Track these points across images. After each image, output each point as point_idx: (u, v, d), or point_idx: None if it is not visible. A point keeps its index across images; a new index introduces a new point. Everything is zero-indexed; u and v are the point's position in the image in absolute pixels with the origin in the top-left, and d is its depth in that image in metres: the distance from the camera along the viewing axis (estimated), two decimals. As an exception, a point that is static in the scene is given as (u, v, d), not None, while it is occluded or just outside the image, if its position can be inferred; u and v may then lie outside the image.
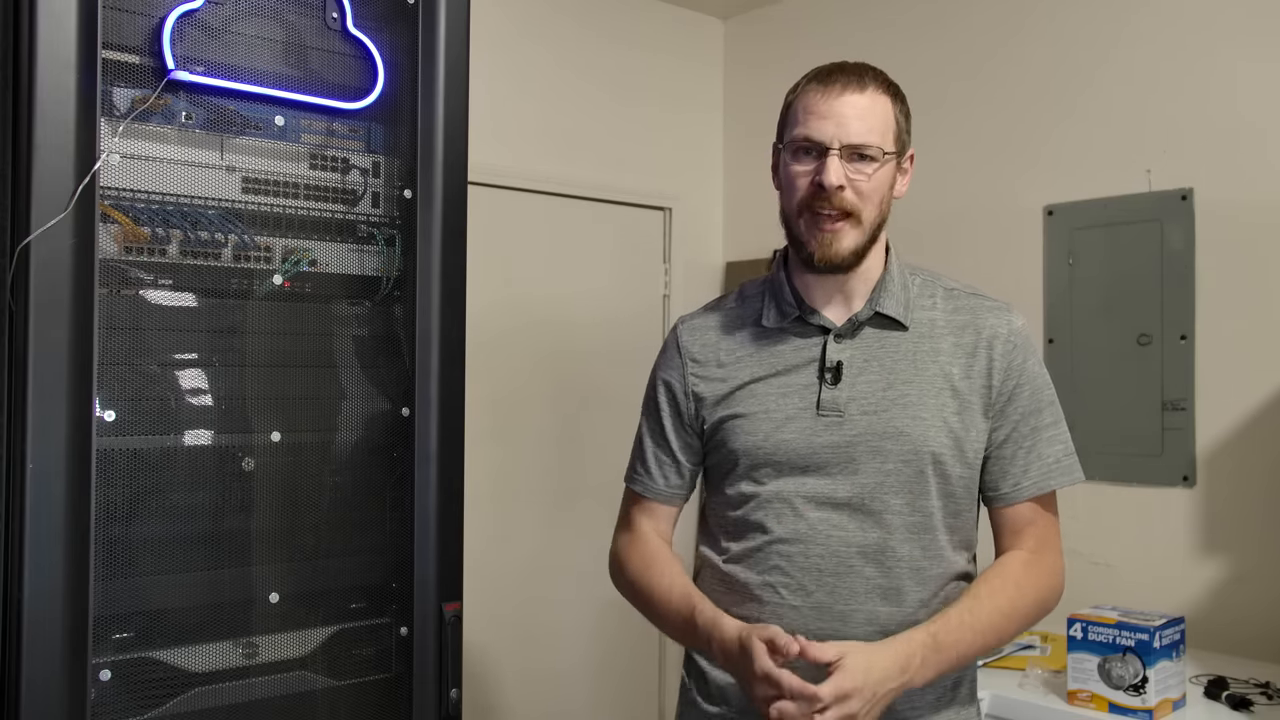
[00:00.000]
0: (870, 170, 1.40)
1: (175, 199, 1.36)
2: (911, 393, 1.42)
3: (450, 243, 1.51)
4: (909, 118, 1.47)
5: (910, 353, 1.45)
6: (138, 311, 1.32)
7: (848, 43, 3.38)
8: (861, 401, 1.42)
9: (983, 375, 1.44)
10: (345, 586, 1.49)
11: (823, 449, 1.42)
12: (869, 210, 1.42)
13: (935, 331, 1.46)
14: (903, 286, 1.48)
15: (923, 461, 1.41)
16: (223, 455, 1.36)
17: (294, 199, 1.46)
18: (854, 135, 1.39)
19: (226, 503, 1.37)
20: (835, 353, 1.45)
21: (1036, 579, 1.47)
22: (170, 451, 1.34)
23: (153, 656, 1.31)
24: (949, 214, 3.05)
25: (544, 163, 3.28)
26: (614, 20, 3.46)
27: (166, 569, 1.33)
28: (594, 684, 3.42)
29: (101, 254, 1.26)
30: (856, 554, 1.40)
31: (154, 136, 1.34)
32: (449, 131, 1.51)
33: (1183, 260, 2.59)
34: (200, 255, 1.38)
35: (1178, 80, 2.63)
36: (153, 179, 1.33)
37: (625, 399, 3.55)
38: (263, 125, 1.44)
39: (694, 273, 3.63)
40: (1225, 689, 2.05)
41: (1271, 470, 2.44)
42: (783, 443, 1.43)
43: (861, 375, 1.44)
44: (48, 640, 1.19)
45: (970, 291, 1.51)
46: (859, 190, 1.40)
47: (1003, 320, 1.47)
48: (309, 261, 1.47)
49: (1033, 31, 2.91)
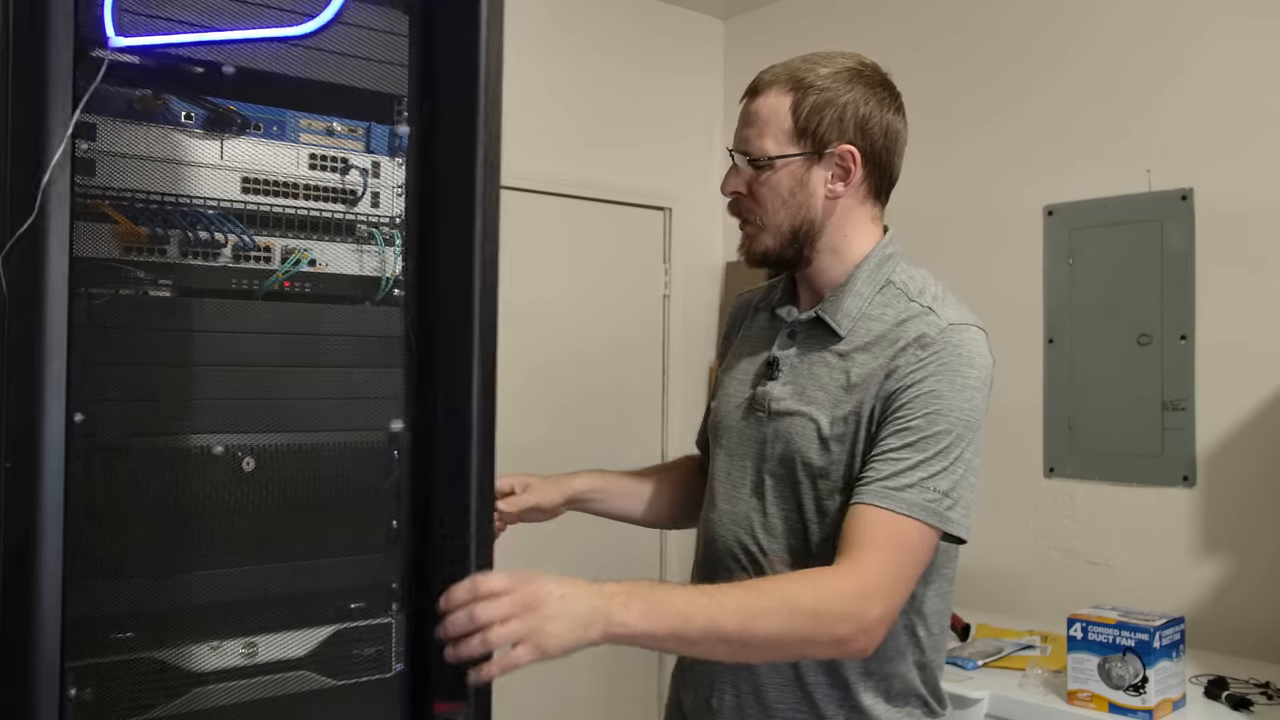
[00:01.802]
0: (761, 176, 1.38)
1: (175, 199, 1.36)
2: (815, 405, 1.37)
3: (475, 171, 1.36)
4: (841, 109, 1.35)
5: (833, 362, 1.38)
6: (134, 310, 1.32)
7: (847, 43, 3.37)
8: (779, 403, 1.41)
9: (878, 383, 1.32)
10: (345, 587, 1.49)
11: (746, 442, 1.44)
12: (768, 215, 1.39)
13: (867, 344, 1.36)
14: (857, 294, 1.39)
15: (801, 473, 1.37)
16: (223, 455, 1.37)
17: (294, 199, 1.47)
18: (737, 141, 1.41)
19: (226, 503, 1.37)
20: (778, 350, 1.45)
21: (814, 593, 1.20)
22: (171, 452, 1.34)
23: (151, 656, 1.31)
24: (949, 214, 3.05)
25: (544, 163, 3.28)
26: (614, 20, 3.47)
27: (165, 569, 1.33)
28: (594, 684, 3.42)
29: (86, 252, 1.26)
30: (740, 551, 1.43)
31: (154, 136, 1.34)
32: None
33: (1183, 260, 2.59)
34: (201, 255, 1.38)
35: (1178, 80, 2.63)
36: (153, 179, 1.34)
37: (625, 398, 3.56)
38: (262, 125, 1.44)
39: (694, 273, 3.63)
40: (1225, 689, 2.05)
41: (1271, 470, 2.44)
42: (727, 428, 1.48)
43: (790, 377, 1.42)
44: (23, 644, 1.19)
45: (925, 306, 1.36)
46: (753, 195, 1.40)
47: (921, 331, 1.32)
48: (309, 261, 1.47)
49: (1032, 32, 2.91)
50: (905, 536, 1.25)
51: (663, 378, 3.62)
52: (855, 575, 1.21)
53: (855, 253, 1.42)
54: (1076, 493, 2.75)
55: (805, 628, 1.18)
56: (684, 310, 3.62)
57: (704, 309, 3.68)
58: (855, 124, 1.37)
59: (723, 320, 3.70)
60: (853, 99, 1.36)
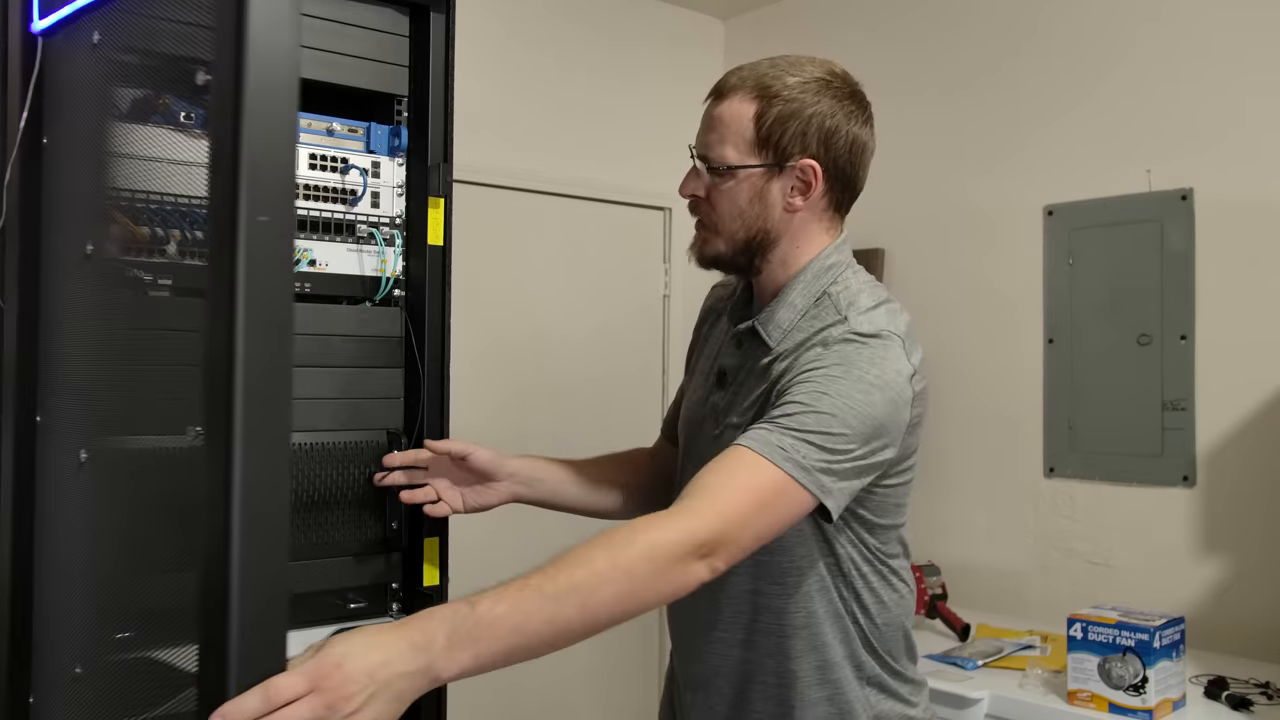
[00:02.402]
0: (720, 183, 1.36)
1: (175, 199, 1.36)
2: (745, 417, 1.33)
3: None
4: (806, 121, 1.31)
5: (762, 375, 1.35)
6: (132, 310, 1.32)
7: (847, 43, 3.38)
8: (720, 411, 1.41)
9: (775, 381, 1.29)
10: (345, 587, 1.49)
11: (700, 449, 1.42)
12: (724, 222, 1.37)
13: (781, 354, 1.34)
14: (790, 305, 1.36)
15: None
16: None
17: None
18: (699, 144, 1.39)
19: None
20: (724, 358, 1.44)
21: (645, 544, 1.08)
22: (170, 452, 1.34)
23: (150, 656, 1.31)
24: (949, 214, 3.04)
25: (544, 163, 3.28)
26: (614, 20, 3.46)
27: (164, 568, 1.33)
28: (594, 685, 3.42)
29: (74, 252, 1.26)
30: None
31: (152, 136, 1.34)
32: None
33: (1183, 260, 2.59)
34: (201, 255, 1.38)
35: (1178, 80, 2.63)
36: (152, 179, 1.34)
37: (625, 398, 3.56)
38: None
39: (694, 273, 3.61)
40: (1225, 689, 2.05)
41: (1271, 470, 2.44)
42: (690, 436, 1.48)
43: (733, 386, 1.41)
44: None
45: (844, 315, 1.31)
46: (710, 201, 1.38)
47: (827, 333, 1.29)
48: (309, 261, 1.47)
49: (1032, 32, 2.91)
50: (749, 472, 1.15)
51: (662, 378, 3.62)
52: (686, 517, 1.11)
53: (799, 264, 1.38)
54: (1076, 493, 2.75)
55: (646, 579, 1.07)
56: (684, 310, 3.62)
57: (704, 309, 3.68)
58: (819, 137, 1.33)
59: (723, 320, 3.70)
60: (819, 111, 1.32)
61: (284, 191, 0.91)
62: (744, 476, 1.15)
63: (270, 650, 0.90)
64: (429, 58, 1.53)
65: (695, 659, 1.44)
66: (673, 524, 1.10)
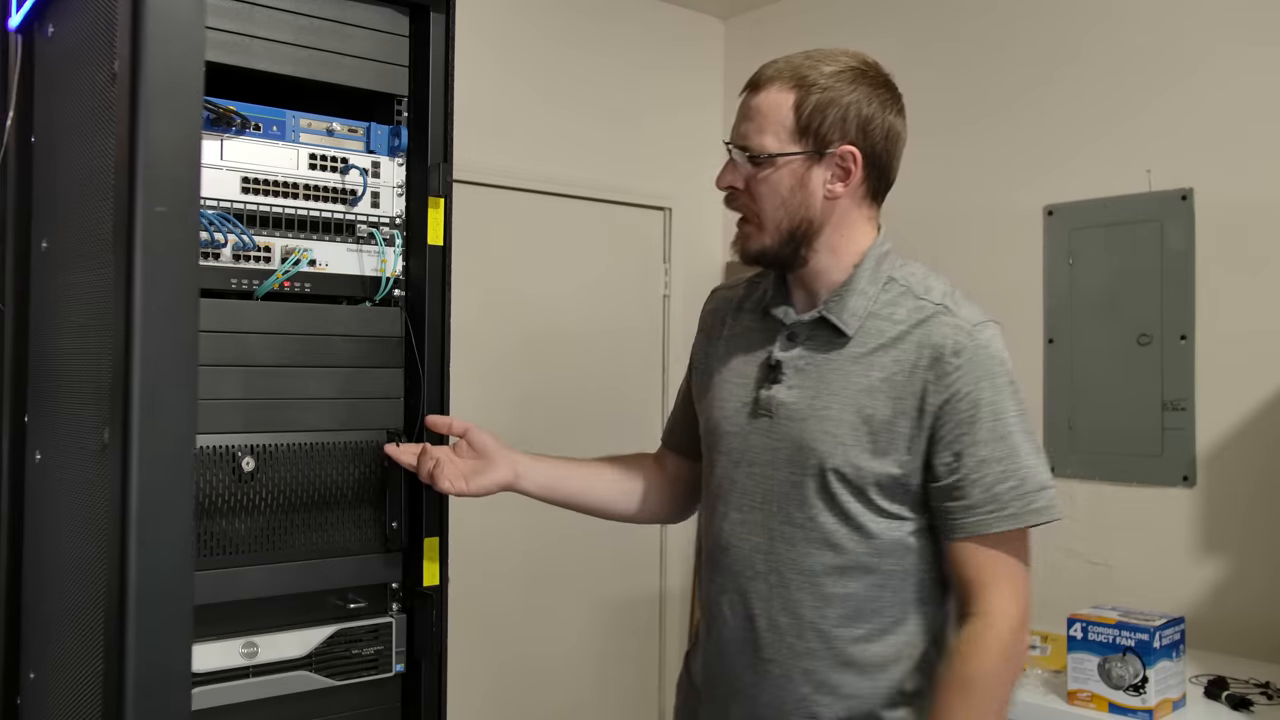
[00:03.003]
0: (760, 173, 1.36)
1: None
2: (834, 405, 1.35)
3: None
4: (844, 109, 1.34)
5: (846, 364, 1.36)
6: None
7: (848, 43, 3.36)
8: (789, 407, 1.38)
9: (915, 396, 1.32)
10: (345, 587, 1.49)
11: (752, 449, 1.41)
12: (766, 213, 1.37)
13: (881, 345, 1.35)
14: (861, 293, 1.38)
15: (826, 479, 1.34)
16: (223, 455, 1.36)
17: (294, 199, 1.46)
18: (736, 135, 1.39)
19: (226, 502, 1.37)
20: (780, 353, 1.42)
21: (983, 664, 1.30)
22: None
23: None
24: (949, 214, 3.05)
25: (544, 163, 3.28)
26: (614, 20, 3.46)
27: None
28: (594, 684, 3.42)
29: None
30: (760, 558, 1.39)
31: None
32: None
33: (1183, 260, 2.59)
34: (200, 255, 1.38)
35: (1178, 80, 2.63)
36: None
37: (625, 398, 3.56)
38: (261, 125, 1.44)
39: (694, 273, 3.63)
40: (1225, 689, 2.05)
41: (1271, 470, 2.44)
42: (726, 434, 1.45)
43: (798, 379, 1.39)
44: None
45: (938, 303, 1.37)
46: (751, 192, 1.38)
47: (951, 336, 1.33)
48: (309, 261, 1.47)
49: (1032, 32, 2.91)
50: (1016, 549, 1.33)
51: (663, 377, 3.62)
52: (983, 622, 1.30)
53: (853, 252, 1.40)
54: (1076, 493, 2.75)
55: (1005, 684, 1.32)
56: (684, 310, 3.62)
57: (704, 309, 3.68)
58: (857, 125, 1.35)
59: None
60: (855, 99, 1.35)
61: (183, 181, 0.89)
62: (1011, 563, 1.33)
63: (171, 655, 0.89)
64: (429, 58, 1.53)
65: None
66: (991, 640, 1.30)
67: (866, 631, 1.35)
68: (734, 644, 1.42)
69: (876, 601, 1.36)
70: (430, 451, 1.46)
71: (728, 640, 1.43)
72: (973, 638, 1.31)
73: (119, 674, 0.85)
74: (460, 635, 1.77)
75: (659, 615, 3.56)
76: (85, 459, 1.07)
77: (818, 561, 1.35)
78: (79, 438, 1.10)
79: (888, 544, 1.35)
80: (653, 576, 3.56)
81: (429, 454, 1.46)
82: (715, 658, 1.46)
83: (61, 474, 1.18)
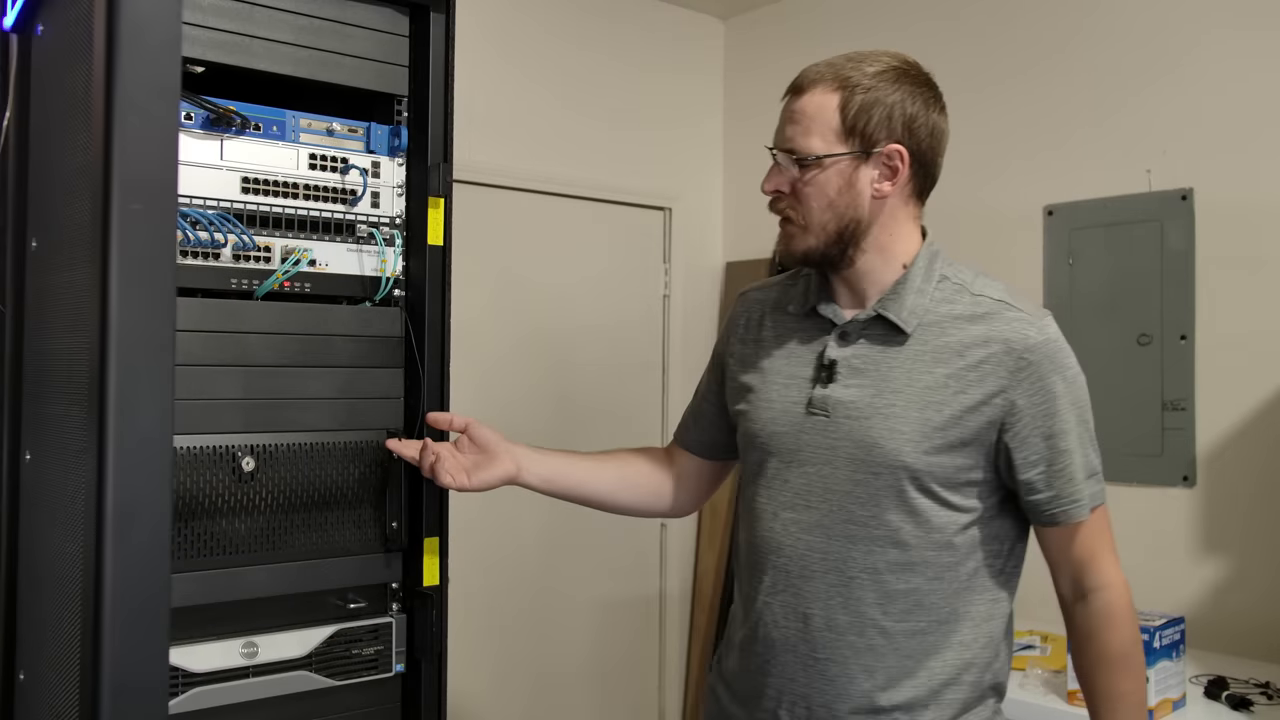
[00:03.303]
0: (807, 175, 1.36)
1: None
2: (898, 403, 1.35)
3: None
4: (889, 108, 1.35)
5: (908, 361, 1.37)
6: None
7: (848, 43, 3.36)
8: (849, 406, 1.37)
9: (988, 391, 1.34)
10: (345, 587, 1.49)
11: (807, 447, 1.40)
12: (813, 215, 1.37)
13: (943, 341, 1.36)
14: (918, 291, 1.38)
15: (894, 476, 1.34)
16: (223, 455, 1.36)
17: (294, 199, 1.46)
18: (780, 139, 1.39)
19: (226, 502, 1.37)
20: (834, 352, 1.41)
21: (1121, 640, 1.41)
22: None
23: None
24: (949, 214, 3.04)
25: (544, 163, 3.28)
26: (614, 20, 3.47)
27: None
28: (594, 684, 3.42)
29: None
30: (819, 558, 1.38)
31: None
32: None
33: (1183, 260, 2.59)
34: (200, 255, 1.38)
35: (1178, 80, 2.63)
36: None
37: (625, 398, 3.56)
38: (261, 125, 1.44)
39: (694, 273, 3.63)
40: (1225, 689, 2.05)
41: (1271, 470, 2.44)
42: (775, 434, 1.43)
43: (856, 378, 1.38)
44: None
45: (998, 299, 1.39)
46: (797, 195, 1.38)
47: (1021, 331, 1.36)
48: (309, 261, 1.47)
49: (1032, 32, 2.91)
50: (1104, 522, 1.43)
51: (663, 377, 3.62)
52: (1106, 594, 1.41)
53: (902, 251, 1.41)
54: (1076, 493, 2.75)
55: (1138, 657, 1.42)
56: (684, 310, 3.62)
57: (704, 309, 3.68)
58: (903, 123, 1.37)
59: (723, 319, 3.70)
60: (900, 98, 1.37)
61: (159, 178, 0.88)
62: (1107, 535, 1.44)
63: (147, 660, 0.87)
64: (429, 58, 1.53)
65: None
66: (1119, 617, 1.41)
67: (926, 624, 1.36)
68: (784, 644, 1.40)
69: (935, 594, 1.36)
70: (431, 446, 1.46)
71: (777, 640, 1.41)
72: (1106, 610, 1.39)
73: (94, 679, 0.84)
74: (460, 635, 1.77)
75: (659, 615, 3.56)
76: (68, 459, 1.07)
77: (881, 559, 1.35)
78: (64, 438, 1.10)
79: (949, 536, 1.36)
80: (653, 576, 3.56)
81: (430, 449, 1.45)
82: (761, 659, 1.43)
83: (49, 475, 1.18)
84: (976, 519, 1.38)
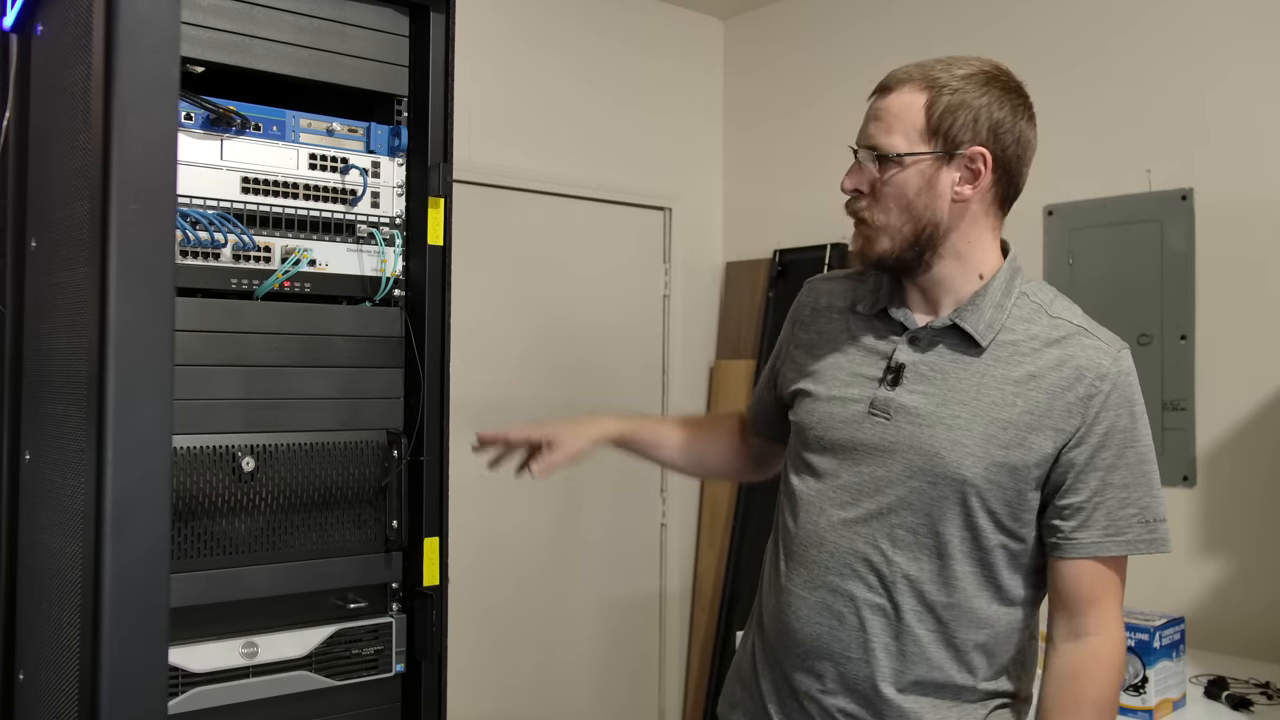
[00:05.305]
0: (887, 173, 1.34)
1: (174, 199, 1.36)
2: (963, 415, 1.33)
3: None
4: (975, 111, 1.33)
5: (978, 375, 1.34)
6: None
7: (848, 43, 3.38)
8: (912, 411, 1.36)
9: (1055, 414, 1.31)
10: (345, 587, 1.49)
11: (863, 447, 1.38)
12: (888, 216, 1.35)
13: (1016, 359, 1.34)
14: (996, 305, 1.36)
15: (950, 487, 1.32)
16: (223, 455, 1.37)
17: (294, 199, 1.47)
18: (863, 137, 1.37)
19: (226, 502, 1.37)
20: (904, 356, 1.39)
21: (1098, 687, 1.35)
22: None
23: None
24: (949, 214, 3.05)
25: (544, 163, 3.28)
26: (614, 20, 3.47)
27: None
28: (594, 684, 3.42)
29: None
30: (859, 560, 1.37)
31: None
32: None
33: (1183, 260, 2.59)
34: (201, 255, 1.38)
35: (1178, 80, 2.63)
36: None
37: (625, 397, 3.56)
38: (262, 125, 1.44)
39: (694, 273, 3.63)
40: (1225, 689, 2.05)
41: (1271, 470, 2.44)
42: (832, 429, 1.41)
43: (922, 385, 1.36)
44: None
45: (1077, 324, 1.36)
46: (875, 194, 1.36)
47: (1096, 362, 1.32)
48: (309, 261, 1.47)
49: (1032, 32, 2.91)
50: (1122, 570, 1.38)
51: (663, 377, 3.62)
52: (1102, 640, 1.36)
53: (980, 261, 1.38)
54: (1076, 493, 2.75)
55: (1113, 713, 1.36)
56: (684, 310, 3.62)
57: (704, 309, 3.68)
58: (989, 127, 1.34)
59: (731, 316, 3.71)
60: (987, 102, 1.34)
61: (157, 177, 0.87)
62: (1120, 583, 1.40)
63: (146, 661, 0.87)
64: (429, 58, 1.53)
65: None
66: (1102, 662, 1.35)
67: (963, 638, 1.35)
68: (813, 639, 1.40)
69: (974, 611, 1.36)
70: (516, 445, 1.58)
71: (807, 635, 1.40)
72: (1094, 656, 1.34)
73: (94, 679, 0.84)
74: (460, 635, 1.77)
75: (659, 615, 3.56)
76: (68, 459, 1.07)
77: (924, 568, 1.34)
78: (63, 438, 1.10)
79: (990, 549, 1.35)
80: (653, 576, 3.56)
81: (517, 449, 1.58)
82: (786, 654, 1.43)
83: (49, 475, 1.18)
84: (1028, 548, 1.37)
